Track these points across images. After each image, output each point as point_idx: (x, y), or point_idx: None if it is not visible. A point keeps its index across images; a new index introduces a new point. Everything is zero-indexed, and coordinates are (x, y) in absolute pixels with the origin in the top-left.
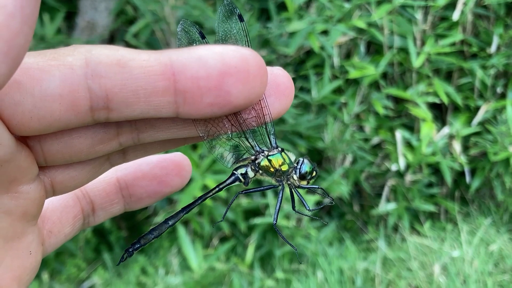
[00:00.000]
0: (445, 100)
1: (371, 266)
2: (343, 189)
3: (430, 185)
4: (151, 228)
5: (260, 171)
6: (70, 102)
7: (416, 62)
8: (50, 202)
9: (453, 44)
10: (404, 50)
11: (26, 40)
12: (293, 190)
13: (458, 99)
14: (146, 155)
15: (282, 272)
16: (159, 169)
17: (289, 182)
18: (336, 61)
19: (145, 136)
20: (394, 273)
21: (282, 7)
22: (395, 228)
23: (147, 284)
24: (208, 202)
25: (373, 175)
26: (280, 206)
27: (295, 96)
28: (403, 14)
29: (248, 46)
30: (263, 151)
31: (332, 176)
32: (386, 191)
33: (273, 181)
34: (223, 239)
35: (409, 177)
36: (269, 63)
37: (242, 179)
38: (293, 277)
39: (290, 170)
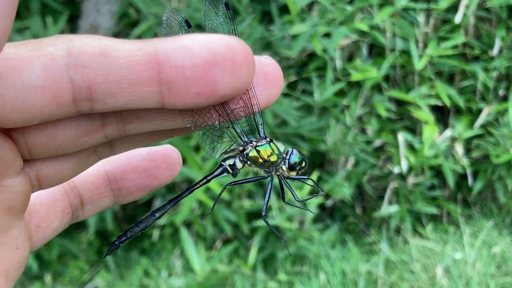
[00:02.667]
0: (447, 102)
1: (373, 268)
2: (345, 191)
3: (432, 187)
4: (137, 221)
5: (249, 162)
6: (52, 93)
7: (418, 64)
8: (37, 196)
9: (455, 46)
10: (406, 53)
11: (5, 30)
12: (282, 181)
13: (460, 102)
14: (134, 148)
15: (285, 274)
16: (148, 162)
17: (278, 173)
18: (339, 63)
19: (131, 128)
20: (396, 275)
21: (284, 10)
22: (398, 231)
23: (150, 286)
24: (210, 204)
25: (376, 178)
26: (269, 197)
27: (297, 99)
28: (405, 16)
29: (235, 35)
30: (251, 142)
31: (334, 178)
32: (388, 194)
33: (262, 172)
34: (226, 241)
35: (411, 180)
36: None
37: (230, 170)
38: (295, 279)
39: (279, 161)
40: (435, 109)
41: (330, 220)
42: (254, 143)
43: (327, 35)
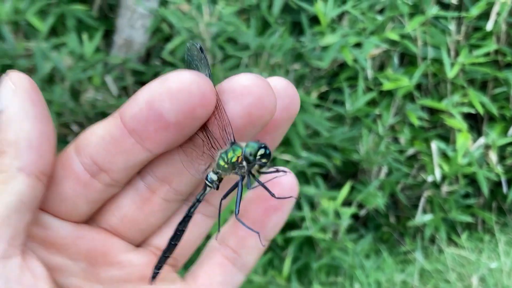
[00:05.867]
0: (480, 110)
1: (408, 278)
2: (379, 201)
3: (466, 195)
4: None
5: (220, 171)
6: (81, 187)
7: (451, 72)
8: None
9: (487, 54)
10: (438, 61)
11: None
12: (252, 178)
13: (494, 109)
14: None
15: (319, 285)
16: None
17: (243, 171)
18: (370, 73)
19: (168, 172)
20: (432, 284)
21: (314, 20)
22: (432, 240)
23: None
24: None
25: (409, 186)
26: (240, 196)
27: (329, 109)
28: (437, 25)
29: (210, 76)
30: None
31: (367, 188)
32: (422, 202)
33: (235, 176)
34: None
35: (445, 188)
36: (302, 77)
37: (210, 185)
38: None
39: (239, 159)
40: (468, 117)
41: (364, 230)
42: (220, 152)
43: (358, 45)
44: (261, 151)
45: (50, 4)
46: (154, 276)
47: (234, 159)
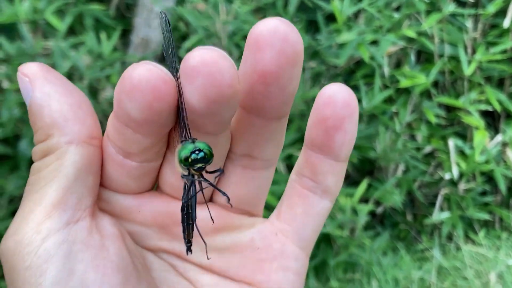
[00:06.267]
0: (498, 107)
1: (426, 275)
2: (396, 198)
3: (484, 193)
4: None
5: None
6: (120, 167)
7: (468, 70)
8: None
9: (504, 51)
10: (455, 58)
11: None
12: (201, 183)
13: (511, 106)
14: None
15: (337, 281)
16: None
17: (187, 176)
18: (387, 70)
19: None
20: (449, 282)
21: (330, 18)
22: (450, 237)
23: None
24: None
25: (426, 184)
26: (195, 202)
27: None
28: (453, 22)
29: (172, 46)
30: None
31: (384, 185)
32: (439, 200)
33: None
34: None
35: (462, 186)
36: (318, 74)
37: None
38: (347, 287)
39: (181, 165)
40: (486, 114)
41: (381, 228)
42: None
43: (374, 42)
44: (193, 156)
45: (68, 4)
46: (188, 248)
47: (177, 163)
